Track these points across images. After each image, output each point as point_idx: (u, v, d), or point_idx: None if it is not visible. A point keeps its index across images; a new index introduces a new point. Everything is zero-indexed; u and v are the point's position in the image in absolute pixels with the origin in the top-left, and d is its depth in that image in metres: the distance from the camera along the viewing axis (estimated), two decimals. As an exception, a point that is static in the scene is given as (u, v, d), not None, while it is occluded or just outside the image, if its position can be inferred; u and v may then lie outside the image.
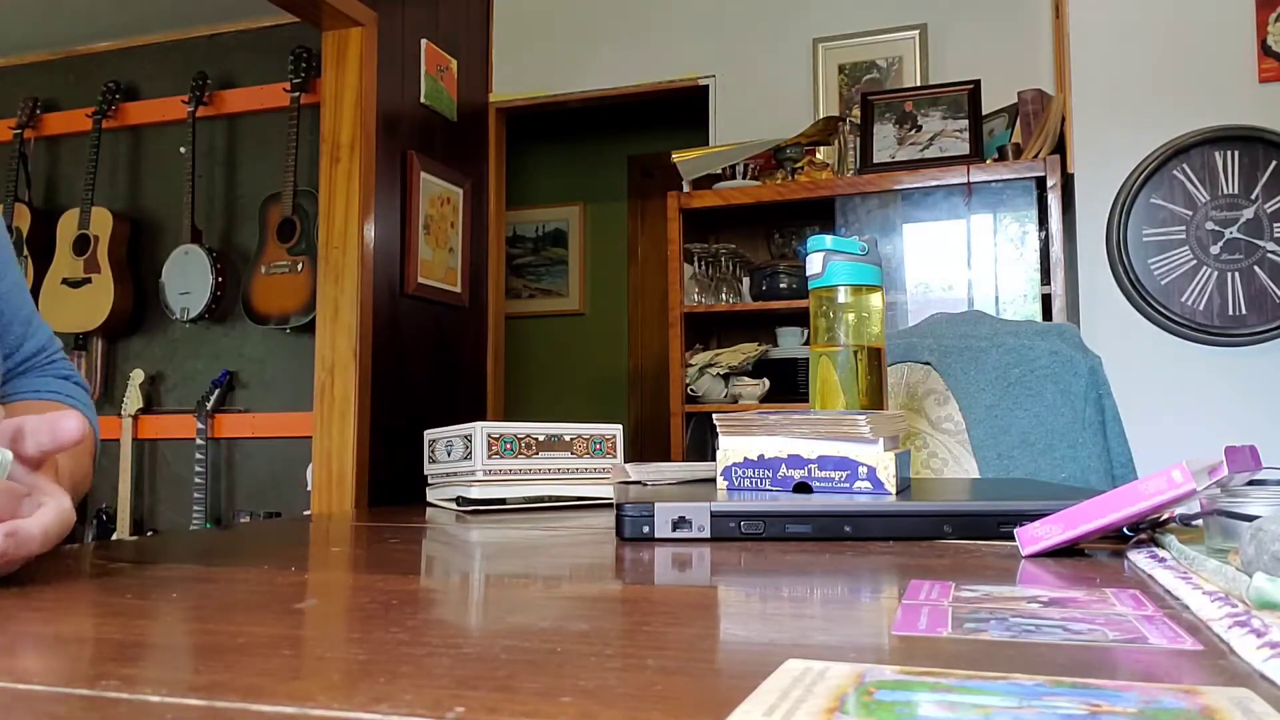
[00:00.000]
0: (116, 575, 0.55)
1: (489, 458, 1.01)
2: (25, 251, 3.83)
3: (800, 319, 3.11)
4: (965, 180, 2.70)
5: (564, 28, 3.68)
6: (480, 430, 1.01)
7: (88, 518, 3.72)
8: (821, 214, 3.04)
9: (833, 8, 3.32)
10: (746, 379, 3.01)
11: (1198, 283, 2.53)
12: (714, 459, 0.88)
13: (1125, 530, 0.60)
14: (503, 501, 1.02)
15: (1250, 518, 0.51)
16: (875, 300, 0.99)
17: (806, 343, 2.96)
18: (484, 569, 0.60)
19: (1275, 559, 0.41)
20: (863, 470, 0.79)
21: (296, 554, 0.66)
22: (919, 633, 0.37)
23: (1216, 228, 2.53)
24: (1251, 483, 0.61)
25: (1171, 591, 0.46)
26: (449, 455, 1.06)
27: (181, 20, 3.88)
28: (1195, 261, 2.54)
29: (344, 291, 2.98)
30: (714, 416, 0.90)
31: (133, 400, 3.72)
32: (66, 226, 3.76)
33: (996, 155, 2.79)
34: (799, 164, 3.01)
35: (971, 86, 2.84)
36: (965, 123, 2.81)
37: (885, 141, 2.89)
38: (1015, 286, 2.69)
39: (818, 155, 3.07)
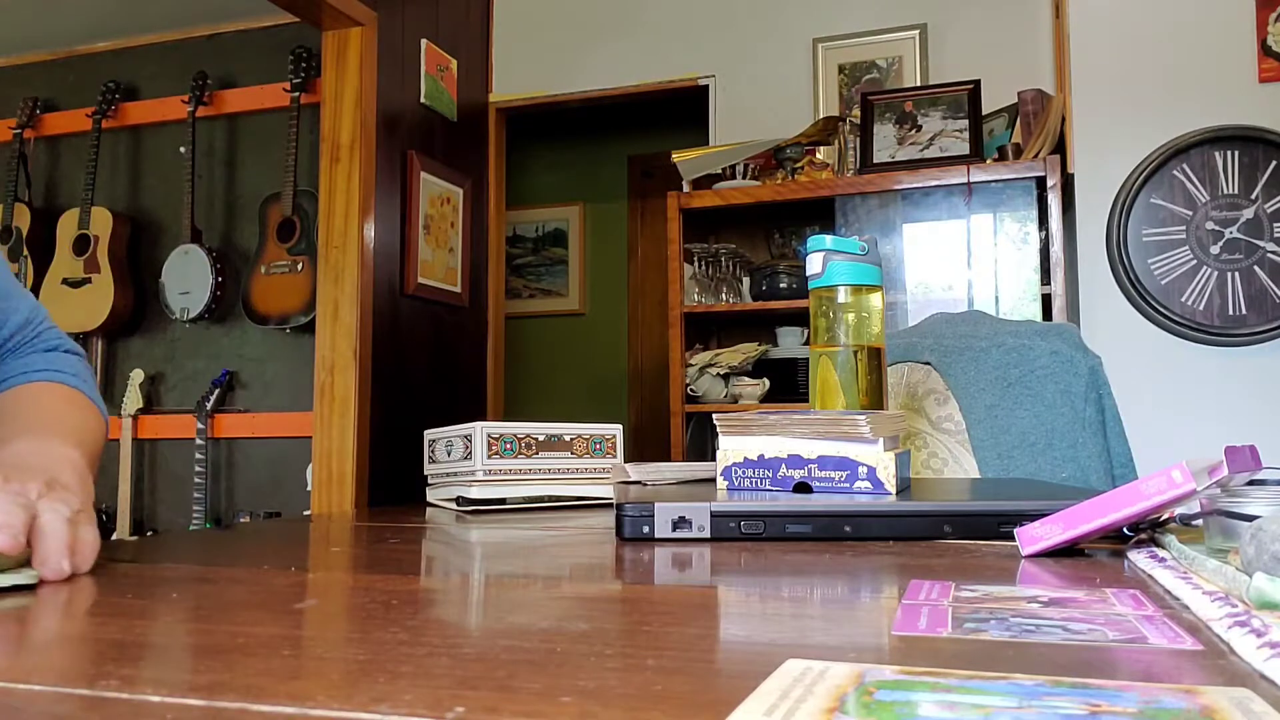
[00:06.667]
0: (116, 575, 0.55)
1: (489, 458, 1.01)
2: (25, 251, 3.83)
3: (800, 319, 3.11)
4: (965, 180, 2.70)
5: (564, 28, 3.68)
6: (480, 430, 1.01)
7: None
8: (821, 214, 3.04)
9: (833, 8, 3.32)
10: (746, 379, 3.01)
11: (1198, 283, 2.53)
12: (714, 459, 0.88)
13: (1125, 530, 0.60)
14: (503, 501, 1.02)
15: (1250, 518, 0.51)
16: (875, 300, 0.99)
17: (806, 343, 2.96)
18: (484, 569, 0.60)
19: (1275, 559, 0.41)
20: (863, 470, 0.79)
21: (296, 554, 0.66)
22: (919, 633, 0.37)
23: (1216, 228, 2.53)
24: (1251, 483, 0.61)
25: (1171, 591, 0.46)
26: (449, 455, 1.06)
27: (181, 20, 3.88)
28: (1195, 261, 2.54)
29: (344, 291, 2.98)
30: (714, 416, 0.90)
31: (132, 400, 3.72)
32: (66, 226, 3.76)
33: (996, 155, 2.79)
34: (799, 164, 3.01)
35: (971, 86, 2.84)
36: (965, 123, 2.81)
37: (885, 141, 2.89)
38: (1015, 286, 2.69)
39: (818, 155, 3.07)
